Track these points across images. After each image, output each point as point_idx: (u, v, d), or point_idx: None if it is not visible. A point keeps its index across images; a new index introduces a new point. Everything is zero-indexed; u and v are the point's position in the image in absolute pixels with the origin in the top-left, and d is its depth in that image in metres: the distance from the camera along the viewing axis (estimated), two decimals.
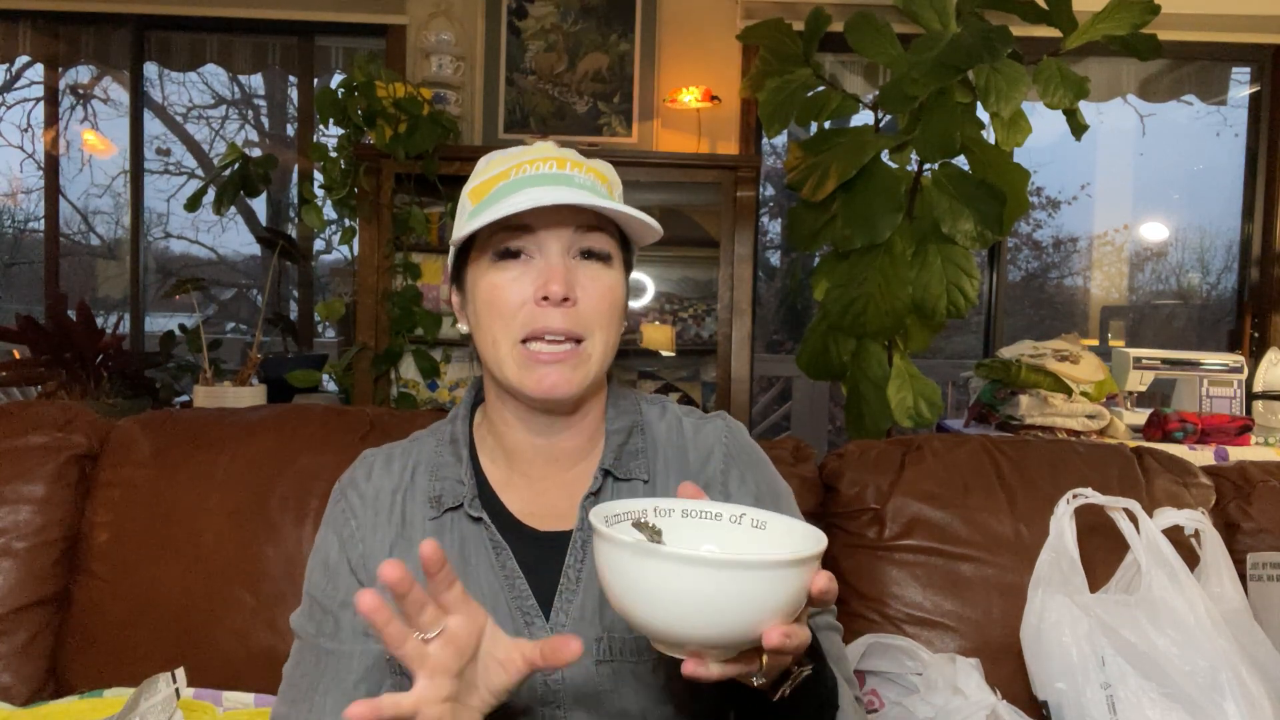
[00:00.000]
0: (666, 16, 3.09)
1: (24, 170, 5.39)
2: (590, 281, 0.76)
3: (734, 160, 2.63)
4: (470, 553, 0.79)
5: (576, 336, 0.75)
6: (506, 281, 0.75)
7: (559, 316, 0.74)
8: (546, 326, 0.74)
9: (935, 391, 2.22)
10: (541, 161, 0.77)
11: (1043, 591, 1.08)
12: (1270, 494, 1.26)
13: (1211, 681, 0.97)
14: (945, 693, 1.05)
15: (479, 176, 0.79)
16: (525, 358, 0.75)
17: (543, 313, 0.74)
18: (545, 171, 0.76)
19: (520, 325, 0.75)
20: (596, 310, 0.76)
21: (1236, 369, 2.54)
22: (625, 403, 0.86)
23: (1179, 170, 5.28)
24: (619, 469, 0.81)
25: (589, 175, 0.77)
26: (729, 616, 0.52)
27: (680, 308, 2.83)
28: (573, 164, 0.77)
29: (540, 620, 0.76)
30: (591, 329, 0.76)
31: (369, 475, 0.84)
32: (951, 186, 2.12)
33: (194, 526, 1.19)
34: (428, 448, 0.85)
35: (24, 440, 1.24)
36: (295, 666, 0.81)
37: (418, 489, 0.82)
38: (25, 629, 1.17)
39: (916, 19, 2.24)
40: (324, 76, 3.56)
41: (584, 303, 0.75)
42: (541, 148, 0.79)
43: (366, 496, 0.83)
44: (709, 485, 0.82)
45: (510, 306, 0.75)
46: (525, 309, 0.75)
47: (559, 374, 0.75)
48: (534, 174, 0.76)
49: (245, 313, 5.53)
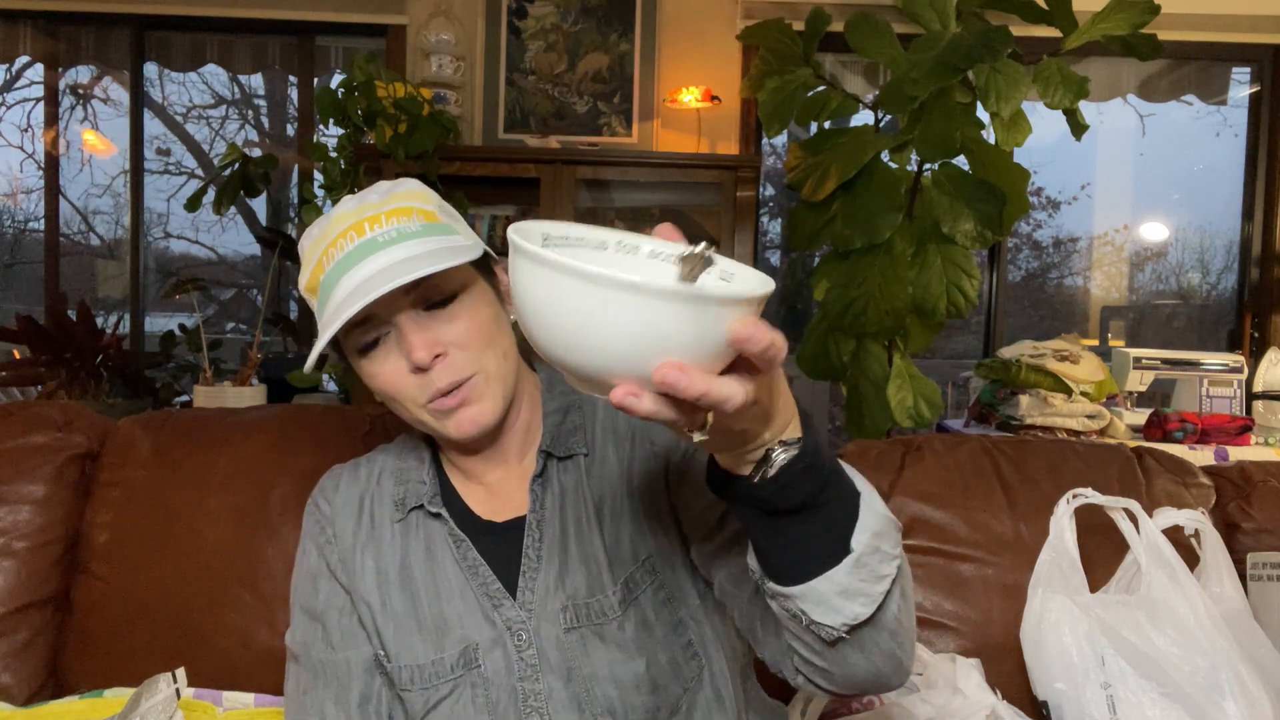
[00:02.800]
0: (666, 16, 3.09)
1: (24, 170, 5.39)
2: (449, 327, 0.77)
3: (734, 160, 2.63)
4: (436, 549, 0.83)
5: (465, 378, 0.77)
6: (380, 369, 0.78)
7: (440, 374, 0.77)
8: (435, 388, 0.77)
9: (935, 391, 2.22)
10: (341, 238, 0.76)
11: (1043, 591, 1.08)
12: (1270, 494, 1.26)
13: (1211, 681, 0.97)
14: (945, 693, 1.05)
15: (304, 270, 0.80)
16: (435, 411, 0.78)
17: (424, 379, 0.77)
18: (349, 249, 0.75)
19: (415, 394, 0.78)
20: (469, 346, 0.78)
21: (1236, 369, 2.53)
22: (560, 383, 0.89)
23: (1179, 170, 5.28)
24: (558, 448, 0.84)
25: (393, 222, 0.76)
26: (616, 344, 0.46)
27: None
28: (369, 221, 0.76)
29: (508, 600, 0.80)
30: (476, 363, 0.78)
31: (337, 486, 0.89)
32: (951, 186, 2.12)
33: (194, 526, 1.19)
34: (391, 455, 0.91)
35: (24, 440, 1.24)
36: (296, 685, 0.85)
37: (384, 493, 0.87)
38: (25, 629, 1.17)
39: (916, 19, 2.24)
40: (324, 76, 3.56)
41: (454, 347, 0.77)
42: (337, 219, 0.78)
43: (335, 505, 0.88)
44: (639, 428, 0.85)
45: (397, 386, 0.78)
46: (410, 381, 0.77)
47: (471, 413, 0.78)
48: (340, 258, 0.75)
49: (245, 313, 5.53)
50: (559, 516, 0.83)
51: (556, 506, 0.83)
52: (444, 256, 0.73)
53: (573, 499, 0.83)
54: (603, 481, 0.84)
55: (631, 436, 0.85)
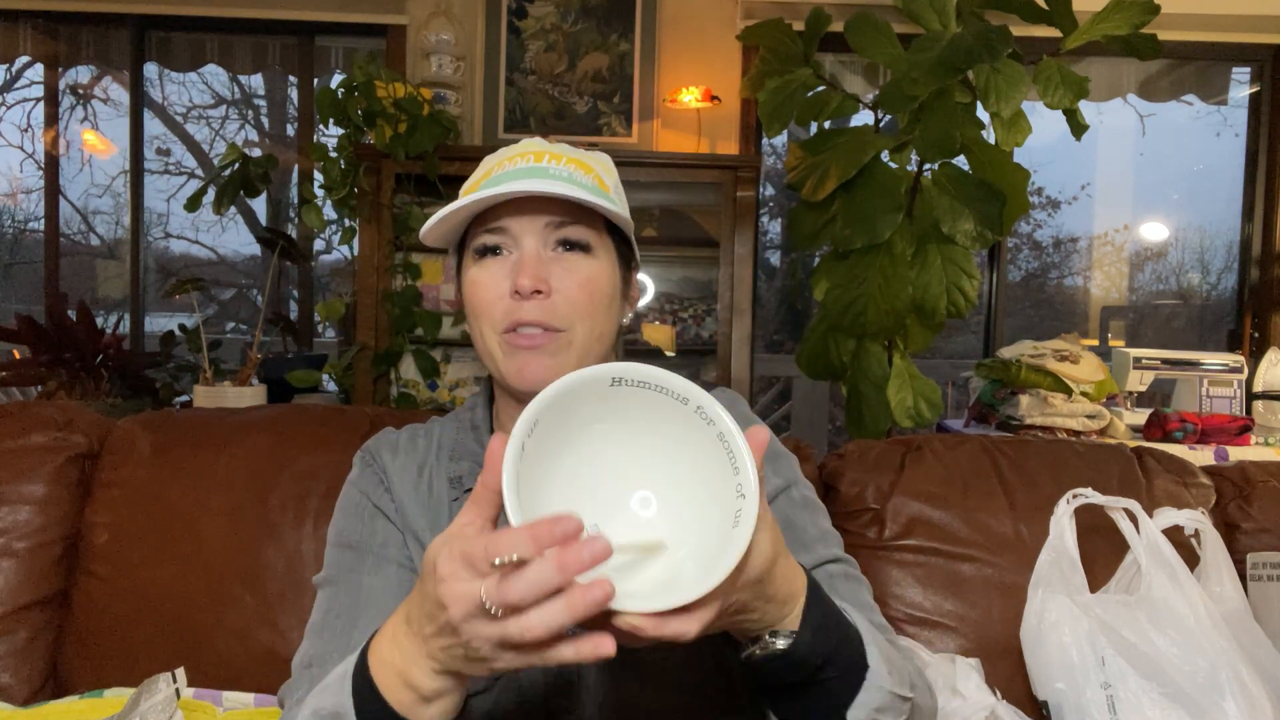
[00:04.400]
0: (666, 16, 3.09)
1: (24, 170, 5.39)
2: (566, 272, 0.76)
3: (734, 160, 2.63)
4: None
5: (554, 327, 0.76)
6: (485, 277, 0.77)
7: (533, 309, 0.75)
8: (520, 319, 0.75)
9: (935, 391, 2.23)
10: (520, 156, 0.77)
11: (1043, 591, 1.08)
12: (1270, 494, 1.26)
13: (1211, 681, 0.97)
14: (945, 693, 1.05)
15: (472, 176, 0.81)
16: (508, 345, 0.76)
17: (517, 305, 0.75)
18: (521, 166, 0.76)
19: (500, 317, 0.76)
20: (573, 301, 0.76)
21: (1236, 369, 2.53)
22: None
23: (1179, 170, 5.29)
24: None
25: (568, 166, 0.77)
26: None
27: (680, 308, 2.83)
28: (551, 156, 0.77)
29: None
30: (570, 320, 0.76)
31: (395, 450, 0.86)
32: (951, 186, 2.12)
33: (194, 526, 1.19)
34: (449, 430, 0.87)
35: (24, 440, 1.24)
36: (328, 610, 0.78)
37: (441, 468, 0.84)
38: (25, 629, 1.17)
39: (916, 19, 2.24)
40: (324, 76, 3.56)
41: (559, 294, 0.76)
42: (528, 143, 0.80)
43: (394, 467, 0.84)
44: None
45: (489, 301, 0.76)
46: (503, 302, 0.76)
47: (538, 361, 0.75)
48: (510, 170, 0.76)
49: (245, 313, 5.54)
50: None
51: None
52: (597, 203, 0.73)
53: None
54: None
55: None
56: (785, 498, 0.83)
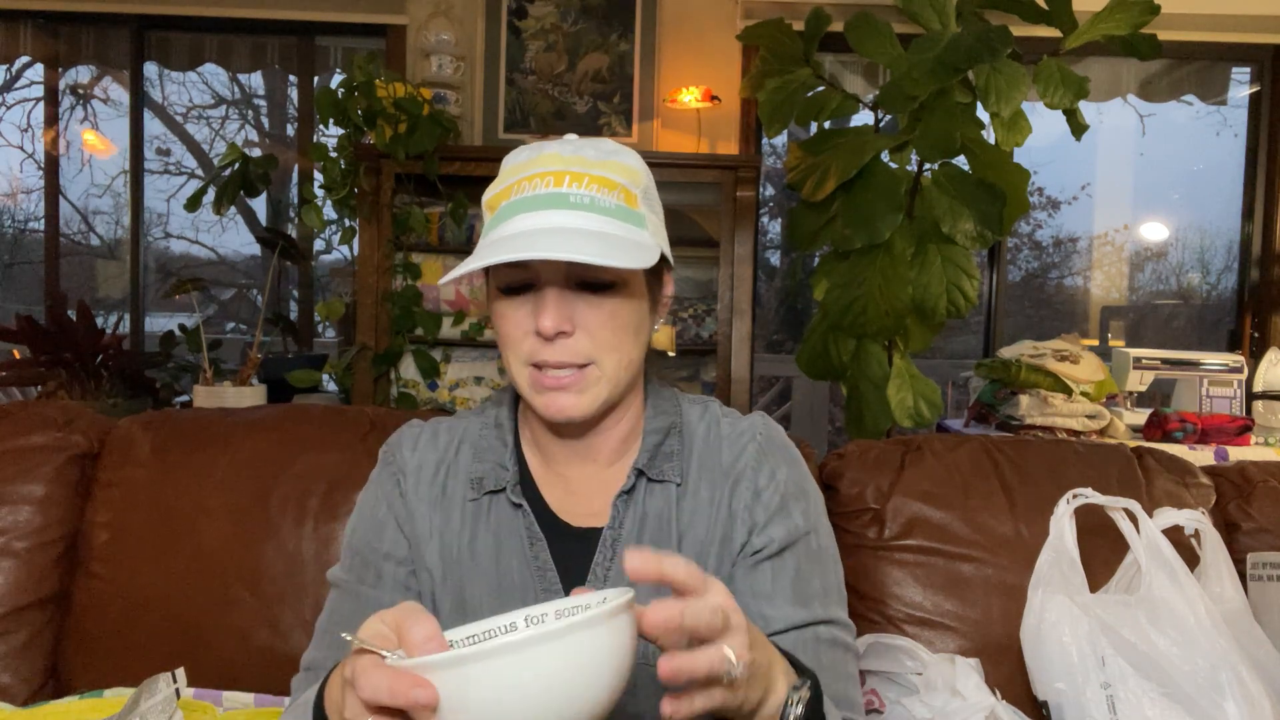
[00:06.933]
0: (666, 16, 3.09)
1: (24, 170, 5.39)
2: (590, 311, 0.75)
3: (734, 160, 2.63)
4: (505, 539, 0.81)
5: (579, 365, 0.76)
6: (510, 311, 0.77)
7: (558, 350, 0.75)
8: (545, 360, 0.75)
9: (935, 391, 2.23)
10: (540, 178, 0.74)
11: (1043, 591, 1.08)
12: (1270, 494, 1.26)
13: (1211, 681, 0.97)
14: (944, 694, 1.05)
15: (495, 185, 0.78)
16: (535, 380, 0.77)
17: (542, 346, 0.75)
18: (541, 192, 0.74)
19: (526, 353, 0.76)
20: (597, 339, 0.75)
21: (1236, 369, 2.53)
22: (665, 403, 0.87)
23: (1179, 170, 5.29)
24: (652, 470, 0.82)
25: (590, 189, 0.74)
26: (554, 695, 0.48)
27: (680, 308, 2.83)
28: (572, 178, 0.74)
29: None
30: (593, 355, 0.76)
31: (415, 445, 0.87)
32: (951, 186, 2.12)
33: (194, 526, 1.19)
34: (474, 426, 0.88)
35: (24, 440, 1.24)
36: (331, 615, 0.83)
37: (460, 466, 0.85)
38: (25, 629, 1.17)
39: (916, 19, 2.24)
40: (324, 76, 3.57)
41: (583, 333, 0.75)
42: (547, 157, 0.76)
43: (411, 464, 0.85)
44: (740, 478, 0.83)
45: (516, 337, 0.77)
46: (529, 340, 0.76)
47: (566, 399, 0.76)
48: (530, 195, 0.74)
49: (245, 313, 5.53)
50: (636, 539, 0.80)
51: (636, 528, 0.81)
52: (618, 250, 0.70)
53: (654, 525, 0.81)
54: (693, 516, 0.81)
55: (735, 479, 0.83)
56: (803, 544, 0.82)
